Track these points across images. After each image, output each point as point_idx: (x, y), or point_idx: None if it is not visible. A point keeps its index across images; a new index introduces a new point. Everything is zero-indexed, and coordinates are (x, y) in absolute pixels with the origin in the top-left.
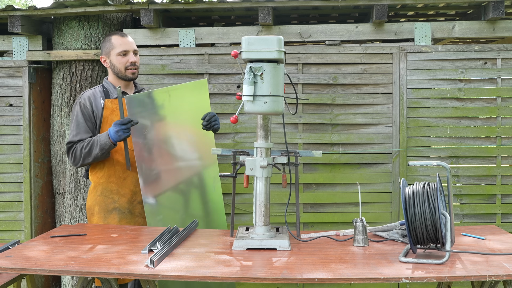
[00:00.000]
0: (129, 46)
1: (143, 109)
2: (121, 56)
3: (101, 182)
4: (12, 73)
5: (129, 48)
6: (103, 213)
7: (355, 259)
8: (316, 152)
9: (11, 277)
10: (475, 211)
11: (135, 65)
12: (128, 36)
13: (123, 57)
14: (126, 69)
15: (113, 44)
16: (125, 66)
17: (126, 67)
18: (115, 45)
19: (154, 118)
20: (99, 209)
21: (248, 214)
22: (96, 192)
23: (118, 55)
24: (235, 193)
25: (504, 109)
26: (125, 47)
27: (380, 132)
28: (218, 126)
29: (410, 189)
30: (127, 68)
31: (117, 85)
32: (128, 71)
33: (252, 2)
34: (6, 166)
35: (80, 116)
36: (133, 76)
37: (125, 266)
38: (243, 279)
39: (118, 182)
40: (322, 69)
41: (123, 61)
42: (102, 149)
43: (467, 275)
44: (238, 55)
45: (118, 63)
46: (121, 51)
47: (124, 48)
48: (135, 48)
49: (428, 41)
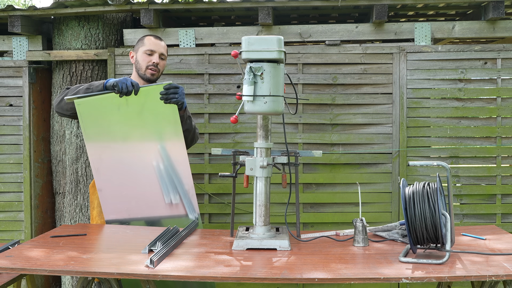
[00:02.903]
0: (157, 47)
1: (96, 112)
2: (146, 54)
3: None
4: (12, 73)
5: (156, 49)
6: (100, 207)
7: (355, 259)
8: (316, 152)
9: (11, 277)
10: (475, 211)
11: (156, 67)
12: (162, 40)
13: (148, 56)
14: (147, 68)
15: (144, 42)
16: (147, 65)
17: (148, 66)
18: (146, 43)
19: (109, 123)
20: (98, 202)
21: (248, 214)
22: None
23: (144, 53)
24: (235, 193)
25: (504, 109)
26: (153, 47)
27: (380, 132)
28: (179, 100)
29: (410, 189)
30: (148, 67)
31: (140, 82)
32: (148, 70)
33: (252, 2)
34: (6, 166)
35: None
36: (152, 77)
37: (125, 266)
38: (243, 279)
39: None
40: (322, 69)
41: (146, 59)
42: (89, 88)
43: (467, 275)
44: (238, 55)
45: (142, 60)
46: (147, 50)
47: (151, 48)
48: (162, 51)
49: (428, 41)
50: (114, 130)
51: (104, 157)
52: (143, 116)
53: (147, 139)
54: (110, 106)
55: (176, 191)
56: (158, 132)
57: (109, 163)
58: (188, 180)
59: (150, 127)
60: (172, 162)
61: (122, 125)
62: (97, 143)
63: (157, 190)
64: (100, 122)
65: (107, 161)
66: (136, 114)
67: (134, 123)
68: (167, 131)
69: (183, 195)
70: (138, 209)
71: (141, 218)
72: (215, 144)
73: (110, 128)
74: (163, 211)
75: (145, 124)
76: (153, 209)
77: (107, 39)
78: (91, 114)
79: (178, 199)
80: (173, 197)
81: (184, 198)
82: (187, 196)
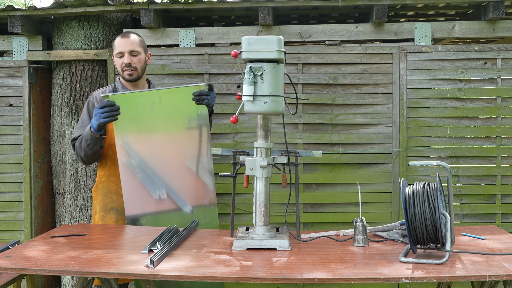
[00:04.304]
0: (125, 47)
1: (128, 109)
2: (118, 57)
3: (102, 181)
4: (12, 73)
5: (124, 50)
6: (102, 212)
7: (355, 259)
8: (316, 152)
9: (11, 277)
10: (475, 211)
11: (130, 66)
12: (130, 36)
13: (119, 58)
14: (123, 71)
15: (114, 45)
16: (121, 68)
17: (122, 69)
18: (115, 46)
19: (140, 121)
20: (99, 207)
21: (248, 214)
22: (97, 191)
23: (116, 56)
24: (235, 193)
25: (504, 109)
26: (120, 48)
27: (380, 132)
28: (210, 102)
29: (410, 189)
30: (123, 70)
31: (126, 85)
32: (125, 72)
33: (252, 2)
34: (6, 166)
35: (86, 114)
36: (130, 77)
37: (125, 266)
38: (243, 279)
39: (118, 182)
40: (322, 69)
41: (119, 62)
42: (87, 140)
43: (467, 275)
44: (238, 55)
45: (117, 65)
46: (117, 53)
47: (119, 50)
48: (131, 48)
49: (428, 41)
50: (145, 126)
51: (132, 152)
52: (174, 115)
53: (176, 137)
54: (144, 103)
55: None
56: (188, 131)
57: (136, 158)
58: (211, 177)
59: (180, 126)
60: (198, 160)
61: (153, 123)
62: (126, 137)
63: (187, 186)
64: (132, 117)
65: (134, 156)
66: (167, 113)
67: (164, 122)
68: (196, 131)
69: (210, 186)
70: (168, 203)
71: (166, 210)
72: (215, 144)
73: (141, 125)
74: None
75: (175, 122)
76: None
77: (107, 39)
78: (125, 109)
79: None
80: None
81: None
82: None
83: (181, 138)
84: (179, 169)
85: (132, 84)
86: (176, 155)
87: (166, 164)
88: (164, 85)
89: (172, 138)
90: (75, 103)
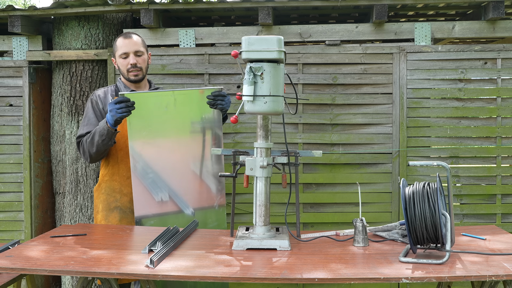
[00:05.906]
0: (129, 48)
1: (142, 109)
2: (123, 58)
3: (105, 180)
4: (12, 73)
5: (129, 50)
6: (105, 211)
7: (355, 259)
8: (316, 152)
9: (11, 277)
10: (475, 211)
11: (136, 67)
12: (132, 36)
13: (124, 59)
14: (128, 72)
15: (117, 46)
16: (126, 69)
17: (128, 70)
18: (118, 47)
19: (154, 121)
20: (102, 207)
21: (248, 214)
22: (100, 190)
23: (120, 57)
24: (235, 193)
25: (504, 109)
26: (125, 49)
27: (380, 132)
28: (224, 107)
29: (410, 189)
30: (129, 71)
31: (128, 85)
32: (130, 73)
33: (252, 2)
34: (6, 166)
35: (91, 112)
36: (136, 78)
37: (125, 266)
38: (243, 279)
39: (121, 181)
40: (322, 69)
41: (124, 63)
42: (102, 135)
43: (467, 275)
44: (238, 55)
45: (121, 66)
46: (121, 53)
47: (124, 51)
48: (136, 49)
49: (428, 41)
50: (158, 128)
51: (144, 153)
52: (188, 117)
53: (189, 140)
54: (159, 104)
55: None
56: (201, 134)
57: (147, 159)
58: (221, 182)
59: (194, 129)
60: (208, 163)
61: (167, 124)
62: (139, 139)
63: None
64: (146, 117)
65: (146, 157)
66: (182, 115)
67: (178, 124)
68: (209, 134)
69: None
70: (173, 204)
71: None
72: None
73: (154, 126)
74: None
75: (188, 125)
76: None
77: (107, 39)
78: (139, 108)
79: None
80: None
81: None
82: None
83: (195, 140)
84: (193, 171)
85: (135, 84)
86: (190, 156)
87: (178, 166)
88: (164, 85)
89: (186, 140)
90: (75, 103)
